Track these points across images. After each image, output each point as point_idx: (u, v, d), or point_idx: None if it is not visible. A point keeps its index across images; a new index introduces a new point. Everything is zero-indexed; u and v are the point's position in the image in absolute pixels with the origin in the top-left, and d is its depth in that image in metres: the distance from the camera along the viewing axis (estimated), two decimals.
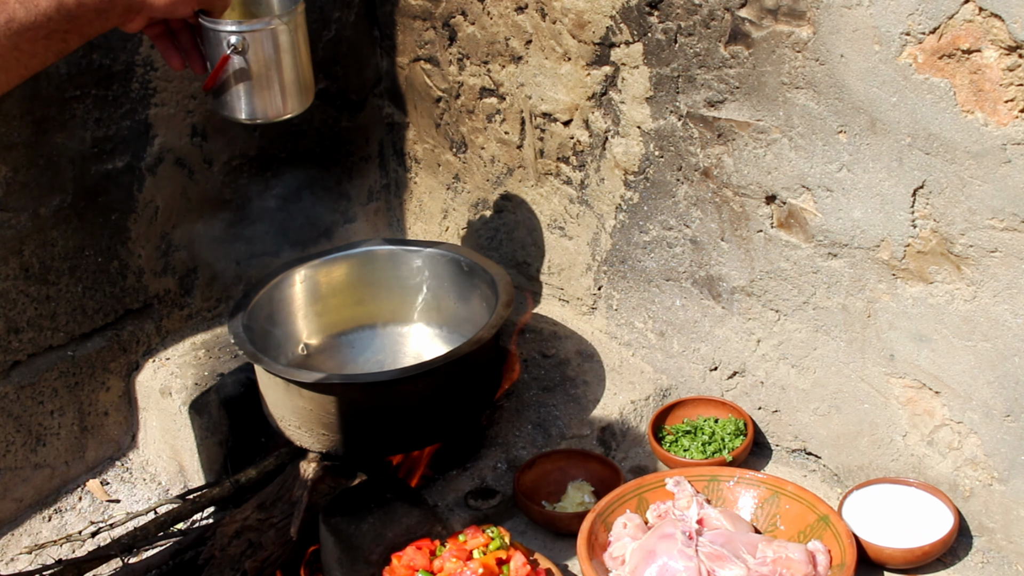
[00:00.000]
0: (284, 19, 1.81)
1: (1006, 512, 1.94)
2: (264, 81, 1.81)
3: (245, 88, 1.81)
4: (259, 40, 1.78)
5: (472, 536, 1.89)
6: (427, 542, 1.90)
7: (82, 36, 1.49)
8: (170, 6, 1.61)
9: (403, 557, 1.87)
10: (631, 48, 2.24)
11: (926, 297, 1.93)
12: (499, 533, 1.90)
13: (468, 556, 1.85)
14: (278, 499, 2.24)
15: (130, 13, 1.57)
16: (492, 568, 1.83)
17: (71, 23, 1.46)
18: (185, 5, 1.64)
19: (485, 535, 1.89)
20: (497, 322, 2.23)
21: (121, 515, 2.46)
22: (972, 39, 1.69)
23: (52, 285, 2.51)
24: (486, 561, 1.83)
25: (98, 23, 1.52)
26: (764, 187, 2.11)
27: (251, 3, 1.92)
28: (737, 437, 2.24)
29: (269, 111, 1.84)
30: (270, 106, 1.84)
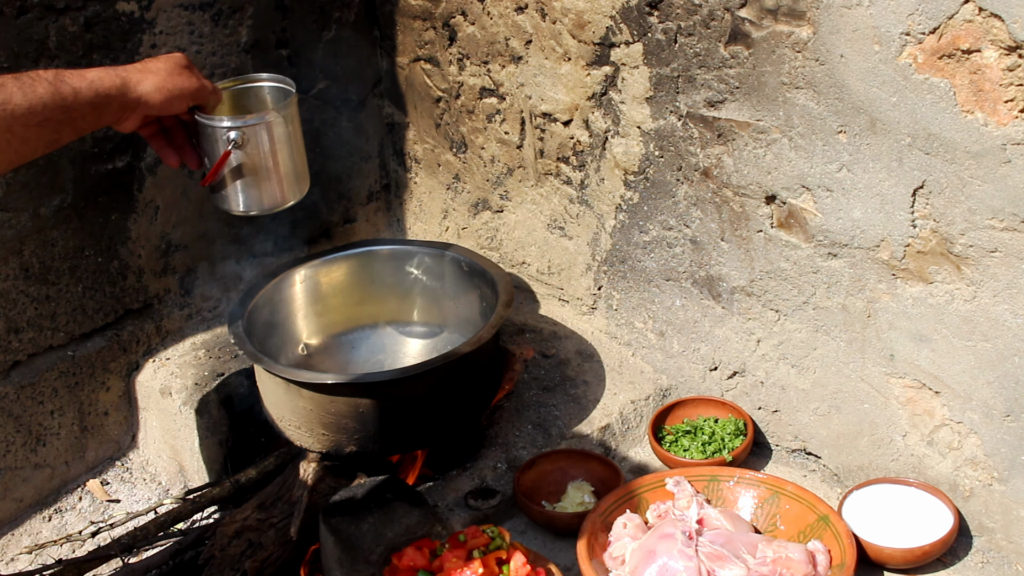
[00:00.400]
0: (281, 112, 1.82)
1: (1006, 512, 1.94)
2: (263, 173, 1.83)
3: (244, 182, 1.83)
4: (257, 134, 1.79)
5: (472, 536, 1.88)
6: (427, 542, 1.89)
7: (75, 130, 1.51)
8: (165, 103, 1.62)
9: (403, 557, 1.87)
10: (631, 48, 2.24)
11: (926, 297, 1.93)
12: (499, 533, 1.89)
13: (467, 556, 1.84)
14: (278, 499, 2.24)
15: (125, 111, 1.59)
16: (492, 568, 1.82)
17: (65, 114, 1.48)
18: (180, 102, 1.65)
19: (485, 535, 1.89)
20: (497, 322, 2.23)
21: (121, 515, 2.46)
22: (972, 39, 1.69)
23: (52, 285, 2.51)
24: (486, 561, 1.83)
25: (92, 117, 1.54)
26: (764, 187, 2.11)
27: (241, 96, 1.93)
28: (737, 437, 2.24)
29: (266, 202, 1.87)
30: (268, 197, 1.87)
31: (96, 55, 2.43)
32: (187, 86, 1.65)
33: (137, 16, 2.47)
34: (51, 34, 2.35)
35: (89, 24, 2.40)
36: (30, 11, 2.30)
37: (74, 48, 2.39)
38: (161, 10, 2.50)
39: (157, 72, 1.63)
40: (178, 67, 1.67)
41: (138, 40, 2.49)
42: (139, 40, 2.49)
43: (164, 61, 1.67)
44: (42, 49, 2.34)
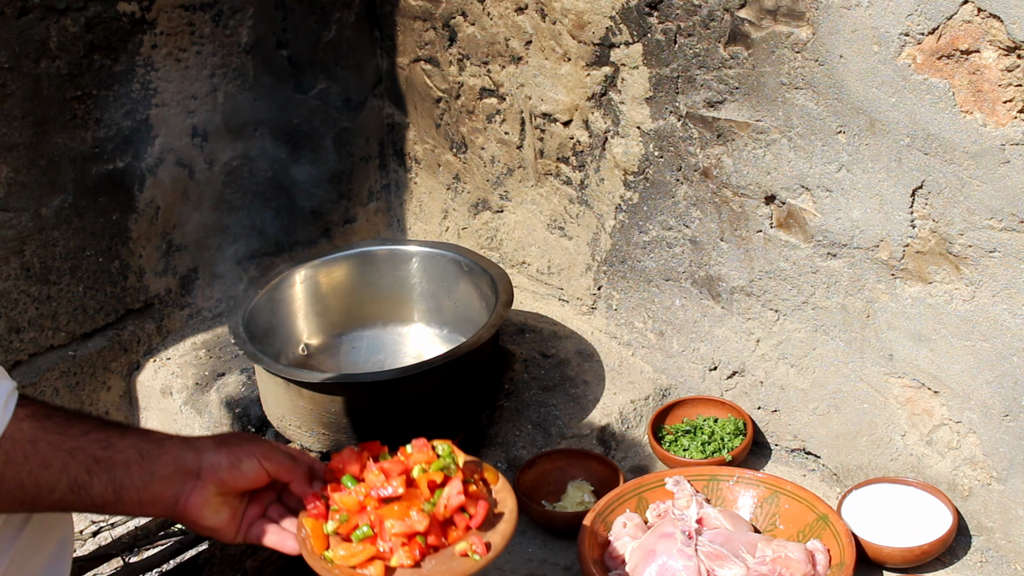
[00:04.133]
0: None
1: (1005, 511, 1.94)
2: None
3: None
4: None
5: (418, 450, 1.55)
6: (375, 446, 1.58)
7: (112, 483, 1.27)
8: (232, 466, 1.37)
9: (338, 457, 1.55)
10: (631, 48, 2.25)
11: (925, 297, 1.93)
12: (449, 452, 1.55)
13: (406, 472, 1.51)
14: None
15: (185, 476, 1.34)
16: (417, 490, 1.49)
17: (103, 450, 1.26)
18: (252, 470, 1.39)
19: (431, 452, 1.55)
20: (497, 322, 2.23)
21: None
22: (971, 40, 1.69)
23: (53, 285, 2.51)
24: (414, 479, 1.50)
25: (137, 474, 1.29)
26: (763, 187, 2.11)
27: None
28: (736, 437, 2.24)
29: None
30: None
31: (96, 55, 2.43)
32: (256, 446, 1.41)
33: (138, 16, 2.48)
34: (52, 34, 2.35)
35: (90, 24, 2.40)
36: (31, 11, 2.31)
37: (74, 48, 2.39)
38: (162, 10, 2.51)
39: (218, 436, 1.42)
40: (242, 433, 1.45)
41: (138, 40, 2.49)
42: (139, 40, 2.49)
43: (227, 432, 1.45)
44: (43, 49, 2.35)
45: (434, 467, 1.50)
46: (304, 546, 1.44)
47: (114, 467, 1.25)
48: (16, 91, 2.33)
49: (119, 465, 1.26)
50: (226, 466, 1.36)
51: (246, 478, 1.38)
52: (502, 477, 1.58)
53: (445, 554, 1.45)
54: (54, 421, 1.22)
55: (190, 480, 1.32)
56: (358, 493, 1.46)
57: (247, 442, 1.40)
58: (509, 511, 1.53)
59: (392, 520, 1.43)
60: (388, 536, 1.43)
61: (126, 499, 1.26)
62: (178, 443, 1.33)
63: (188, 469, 1.32)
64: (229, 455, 1.36)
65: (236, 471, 1.37)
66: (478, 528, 1.48)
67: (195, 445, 1.34)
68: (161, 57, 2.54)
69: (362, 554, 1.43)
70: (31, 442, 1.18)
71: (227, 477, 1.36)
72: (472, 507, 1.49)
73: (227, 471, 1.36)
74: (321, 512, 1.47)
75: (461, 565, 1.44)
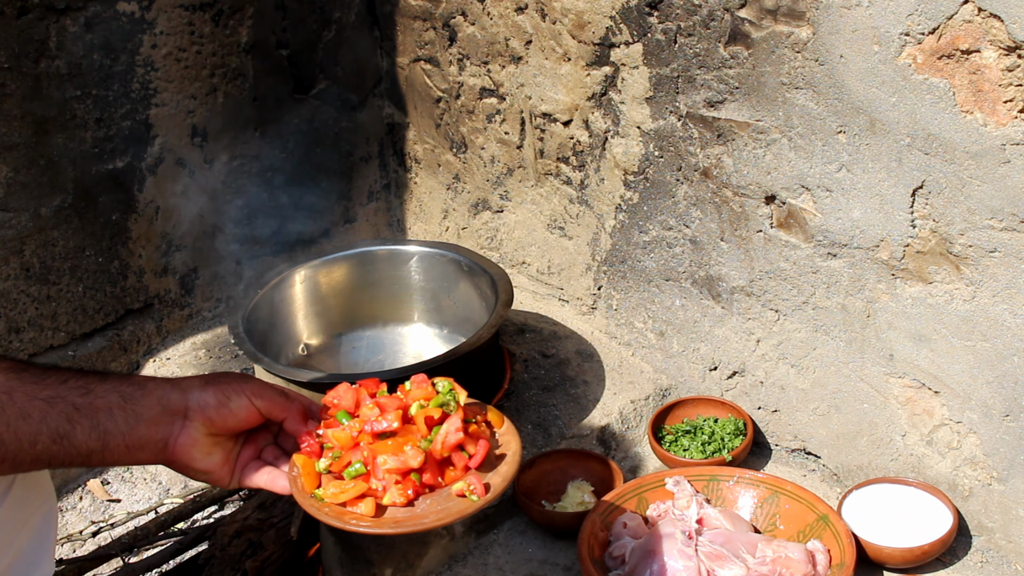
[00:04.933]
0: None
1: (1005, 512, 1.94)
2: None
3: None
4: None
5: (416, 386, 1.48)
6: (373, 383, 1.50)
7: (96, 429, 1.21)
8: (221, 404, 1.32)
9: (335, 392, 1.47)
10: (631, 48, 2.25)
11: (925, 297, 1.93)
12: (449, 388, 1.48)
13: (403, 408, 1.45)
14: (278, 499, 2.24)
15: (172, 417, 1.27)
16: (414, 427, 1.42)
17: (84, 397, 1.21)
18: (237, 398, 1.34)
19: (430, 388, 1.48)
20: (497, 322, 2.23)
21: (122, 515, 2.47)
22: (971, 39, 1.69)
23: (53, 285, 2.51)
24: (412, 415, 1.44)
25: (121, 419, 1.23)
26: (764, 187, 2.11)
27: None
28: (737, 437, 2.24)
29: None
30: None
31: (96, 55, 2.43)
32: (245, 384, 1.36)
33: (137, 16, 2.48)
34: (52, 34, 2.35)
35: (90, 24, 2.40)
36: (31, 11, 2.31)
37: (74, 48, 2.39)
38: (161, 10, 2.51)
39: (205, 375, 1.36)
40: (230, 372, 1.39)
41: (138, 40, 2.49)
42: (139, 40, 2.49)
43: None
44: (43, 49, 2.35)
45: (433, 403, 1.43)
46: (294, 484, 1.38)
47: (96, 413, 1.20)
48: (16, 91, 2.33)
49: (101, 411, 1.20)
50: (214, 404, 1.30)
51: (236, 416, 1.32)
52: (508, 420, 1.50)
53: (441, 494, 1.38)
54: (30, 373, 1.17)
55: (177, 420, 1.26)
56: (352, 429, 1.39)
57: (236, 380, 1.34)
58: (512, 453, 1.45)
59: (385, 456, 1.36)
60: (381, 473, 1.36)
61: (112, 445, 1.21)
62: (162, 384, 1.28)
63: (174, 409, 1.26)
64: (217, 393, 1.30)
65: (225, 409, 1.31)
66: (478, 468, 1.41)
67: (180, 385, 1.29)
68: (161, 57, 2.54)
69: (352, 490, 1.36)
70: (7, 393, 1.14)
71: (215, 416, 1.30)
72: (472, 446, 1.42)
73: (215, 409, 1.30)
74: (315, 450, 1.39)
75: (457, 505, 1.37)
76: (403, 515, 1.35)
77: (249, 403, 1.33)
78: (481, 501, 1.37)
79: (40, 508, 1.37)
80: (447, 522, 1.35)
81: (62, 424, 1.16)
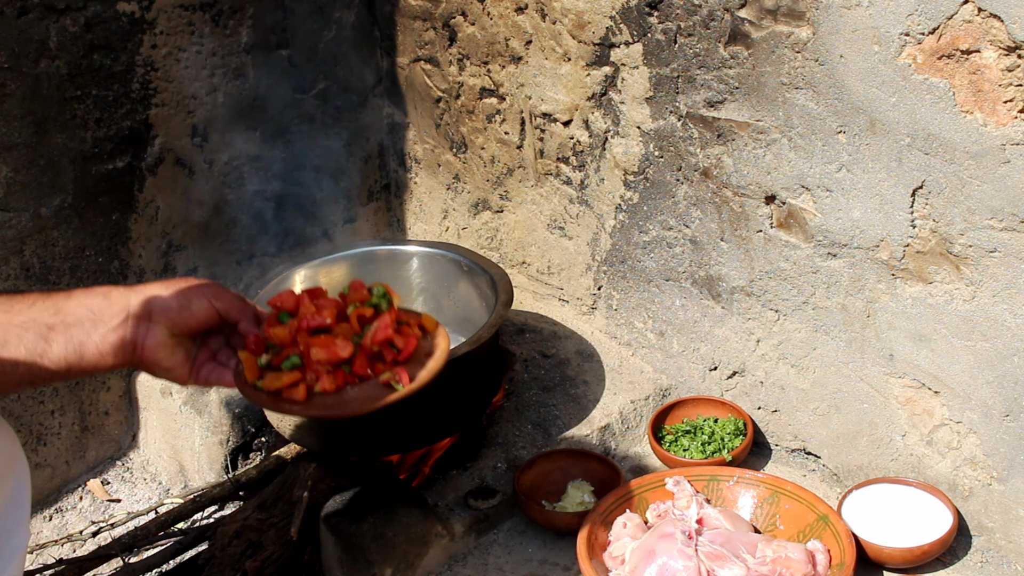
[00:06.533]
0: None
1: (1005, 512, 1.94)
2: None
3: None
4: None
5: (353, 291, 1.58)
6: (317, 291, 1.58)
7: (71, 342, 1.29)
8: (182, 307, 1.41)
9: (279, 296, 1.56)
10: (631, 48, 2.25)
11: (925, 297, 1.93)
12: (383, 292, 1.57)
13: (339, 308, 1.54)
14: (278, 499, 2.24)
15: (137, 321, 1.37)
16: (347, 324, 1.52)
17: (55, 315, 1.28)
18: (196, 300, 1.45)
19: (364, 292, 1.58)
20: (496, 322, 2.23)
21: (122, 515, 2.47)
22: (971, 39, 1.69)
23: (53, 285, 2.51)
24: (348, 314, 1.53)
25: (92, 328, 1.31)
26: (764, 187, 2.11)
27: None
28: (737, 437, 2.24)
29: None
30: None
31: (96, 55, 2.43)
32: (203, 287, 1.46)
33: (137, 16, 2.48)
34: (52, 34, 2.35)
35: (89, 24, 2.40)
36: (31, 11, 2.31)
37: (74, 48, 2.39)
38: (161, 10, 2.51)
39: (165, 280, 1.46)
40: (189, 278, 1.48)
41: (138, 40, 2.49)
42: (139, 40, 2.49)
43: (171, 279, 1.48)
44: (43, 49, 2.35)
45: (369, 304, 1.54)
46: (238, 378, 1.48)
47: (68, 328, 1.27)
48: (16, 91, 2.33)
49: (72, 326, 1.28)
50: (176, 307, 1.39)
51: (196, 317, 1.42)
52: (441, 326, 1.59)
53: (369, 383, 1.49)
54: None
55: (143, 323, 1.35)
56: (290, 326, 1.49)
57: (196, 283, 1.44)
58: (440, 350, 1.54)
59: (318, 348, 1.47)
60: (314, 365, 1.47)
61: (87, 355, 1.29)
62: (124, 292, 1.36)
63: (139, 314, 1.35)
64: (179, 296, 1.40)
65: (186, 311, 1.40)
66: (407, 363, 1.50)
67: (143, 292, 1.37)
68: (161, 57, 2.54)
69: (286, 378, 1.46)
70: None
71: (178, 317, 1.39)
72: (400, 341, 1.51)
73: (177, 312, 1.39)
74: (258, 347, 1.50)
75: (380, 392, 1.47)
76: (332, 401, 1.47)
77: (209, 304, 1.44)
78: (405, 390, 1.47)
79: (11, 477, 1.41)
80: (370, 408, 1.46)
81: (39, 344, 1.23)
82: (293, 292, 1.56)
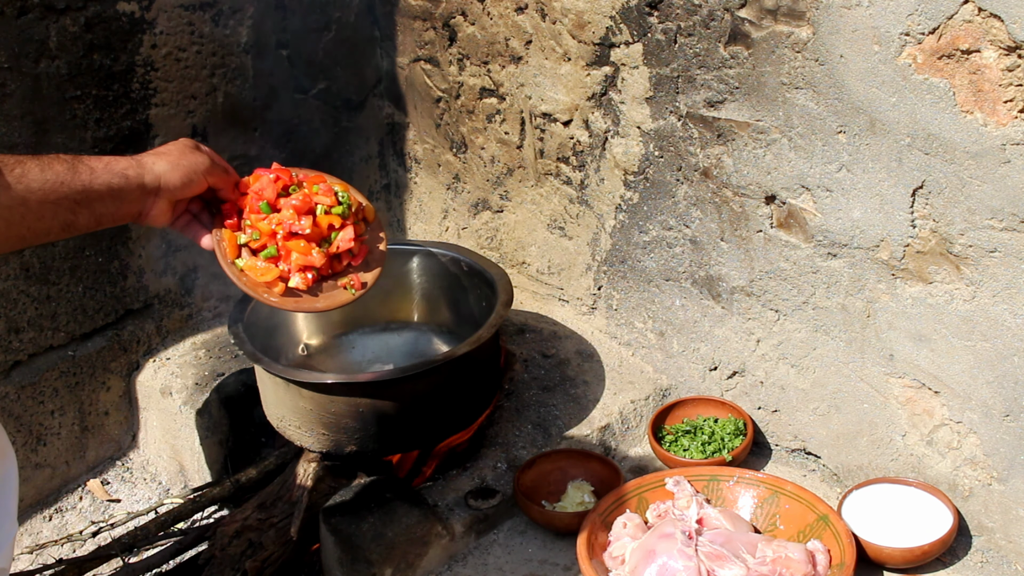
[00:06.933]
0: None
1: (1005, 512, 1.94)
2: None
3: None
4: None
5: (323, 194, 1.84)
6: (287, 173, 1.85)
7: (92, 213, 1.53)
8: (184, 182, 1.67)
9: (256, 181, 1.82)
10: (631, 48, 2.25)
11: (925, 297, 1.93)
12: (347, 198, 1.86)
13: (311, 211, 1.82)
14: (278, 499, 2.24)
15: (147, 195, 1.61)
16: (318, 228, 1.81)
17: (82, 194, 1.50)
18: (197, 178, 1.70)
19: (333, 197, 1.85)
20: (496, 322, 2.23)
21: (122, 515, 2.47)
22: (971, 39, 1.69)
23: (53, 285, 2.51)
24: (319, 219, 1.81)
25: (111, 201, 1.56)
26: (764, 187, 2.11)
27: None
28: (737, 437, 2.24)
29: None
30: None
31: (96, 55, 2.43)
32: (200, 162, 1.70)
33: (137, 16, 2.48)
34: (52, 34, 2.35)
35: (89, 24, 2.40)
36: (31, 11, 2.31)
37: (74, 48, 2.39)
38: (161, 10, 2.51)
39: (168, 153, 1.68)
40: (187, 148, 1.71)
41: (138, 40, 2.49)
42: (139, 40, 2.49)
43: (172, 144, 1.72)
44: (43, 49, 2.35)
45: (335, 211, 1.83)
46: (219, 248, 1.78)
47: (92, 203, 1.52)
48: (16, 91, 2.33)
49: (96, 201, 1.53)
50: (179, 185, 1.65)
51: (193, 192, 1.70)
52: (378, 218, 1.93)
53: (329, 284, 1.84)
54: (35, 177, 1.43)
55: (150, 197, 1.62)
56: (272, 222, 1.78)
57: (195, 160, 1.69)
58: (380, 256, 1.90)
59: (297, 253, 1.78)
60: (290, 263, 1.79)
61: (104, 222, 1.57)
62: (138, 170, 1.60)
63: (149, 189, 1.61)
64: (183, 176, 1.65)
65: (187, 188, 1.67)
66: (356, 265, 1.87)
67: (154, 170, 1.62)
68: (161, 57, 2.54)
69: (269, 273, 1.77)
70: (23, 204, 1.41)
71: (179, 192, 1.66)
72: (356, 248, 1.85)
73: (179, 189, 1.65)
74: (236, 224, 1.78)
75: (341, 296, 1.83)
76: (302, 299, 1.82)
77: (203, 180, 1.70)
78: (358, 294, 1.84)
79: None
80: (331, 307, 1.83)
81: (68, 216, 1.49)
82: (270, 180, 1.81)
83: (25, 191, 1.41)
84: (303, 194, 1.83)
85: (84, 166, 1.51)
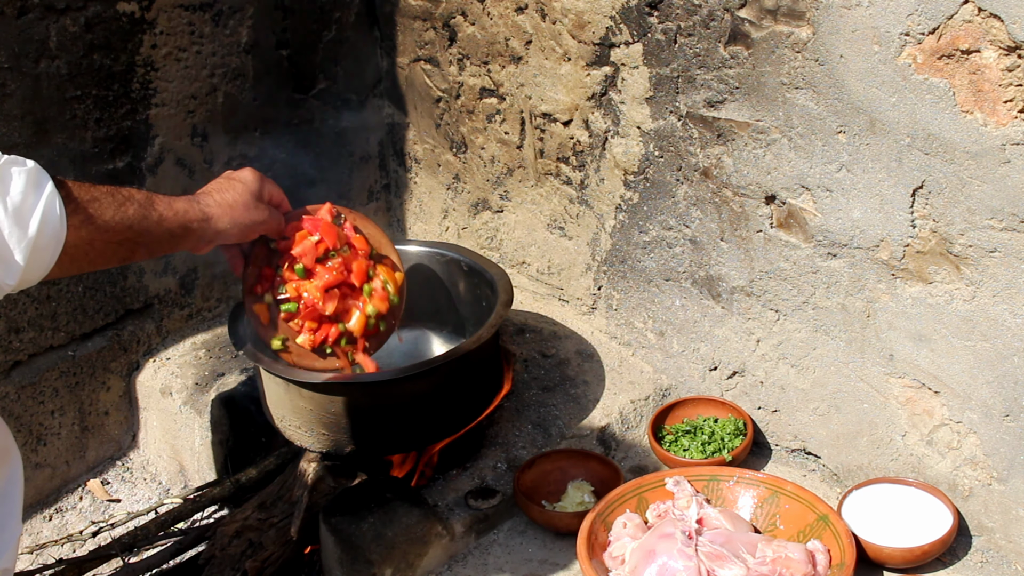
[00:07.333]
0: None
1: (1005, 512, 1.94)
2: None
3: None
4: None
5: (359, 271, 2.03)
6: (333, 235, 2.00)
7: (149, 251, 1.61)
8: (240, 237, 1.80)
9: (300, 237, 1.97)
10: (631, 48, 2.25)
11: (925, 297, 1.93)
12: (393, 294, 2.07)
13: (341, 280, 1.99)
14: (278, 499, 2.24)
15: (202, 243, 1.72)
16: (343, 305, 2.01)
17: (144, 237, 1.57)
18: (252, 234, 1.84)
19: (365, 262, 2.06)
20: (497, 322, 2.23)
21: (122, 515, 2.46)
22: (971, 39, 1.69)
23: (53, 285, 2.51)
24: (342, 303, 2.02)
25: (168, 245, 1.65)
26: (764, 187, 2.11)
27: None
28: (737, 437, 2.24)
29: None
30: None
31: (96, 55, 2.43)
32: (259, 220, 1.83)
33: (137, 16, 2.48)
34: (52, 34, 2.35)
35: (89, 24, 2.40)
36: (31, 11, 2.31)
37: (74, 48, 2.39)
38: (161, 10, 2.51)
39: (235, 207, 1.77)
40: (252, 199, 1.81)
41: (138, 40, 2.49)
42: (139, 40, 2.49)
43: (240, 193, 1.81)
44: (43, 49, 2.35)
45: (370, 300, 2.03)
46: (245, 287, 1.98)
47: (152, 246, 1.61)
48: (16, 91, 2.33)
49: (155, 244, 1.62)
50: (234, 239, 1.79)
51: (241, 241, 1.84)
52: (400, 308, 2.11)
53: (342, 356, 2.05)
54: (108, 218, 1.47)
55: (204, 245, 1.74)
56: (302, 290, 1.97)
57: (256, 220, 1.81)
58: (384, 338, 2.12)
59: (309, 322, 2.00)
60: (304, 318, 1.98)
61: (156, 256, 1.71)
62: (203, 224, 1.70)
63: (206, 240, 1.72)
64: (240, 233, 1.79)
65: (239, 240, 1.80)
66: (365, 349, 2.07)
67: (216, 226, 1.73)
68: (161, 57, 2.54)
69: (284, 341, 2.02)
70: (89, 244, 1.44)
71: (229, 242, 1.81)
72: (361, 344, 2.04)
73: (232, 240, 1.79)
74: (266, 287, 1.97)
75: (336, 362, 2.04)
76: (309, 357, 2.04)
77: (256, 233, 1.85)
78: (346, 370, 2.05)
79: (3, 470, 1.52)
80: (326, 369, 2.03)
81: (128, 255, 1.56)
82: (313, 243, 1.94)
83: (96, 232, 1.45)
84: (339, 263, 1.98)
85: (155, 213, 1.58)
